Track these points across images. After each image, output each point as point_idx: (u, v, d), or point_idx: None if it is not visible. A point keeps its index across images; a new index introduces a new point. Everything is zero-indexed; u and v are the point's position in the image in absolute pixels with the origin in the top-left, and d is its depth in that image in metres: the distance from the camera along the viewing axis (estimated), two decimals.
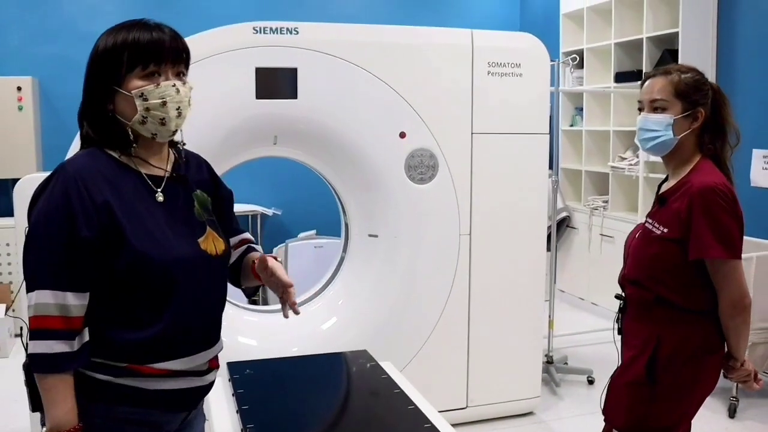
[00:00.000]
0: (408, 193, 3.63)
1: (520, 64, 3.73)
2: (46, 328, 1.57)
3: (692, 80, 2.23)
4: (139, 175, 1.71)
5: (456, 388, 3.84)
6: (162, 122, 1.67)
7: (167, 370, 1.69)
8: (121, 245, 1.61)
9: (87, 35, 5.91)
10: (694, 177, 2.19)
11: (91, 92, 1.69)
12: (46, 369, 1.58)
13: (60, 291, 1.57)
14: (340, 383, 2.91)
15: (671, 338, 2.21)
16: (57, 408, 1.59)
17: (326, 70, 3.45)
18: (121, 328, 1.65)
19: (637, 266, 2.29)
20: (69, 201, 1.58)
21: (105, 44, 1.67)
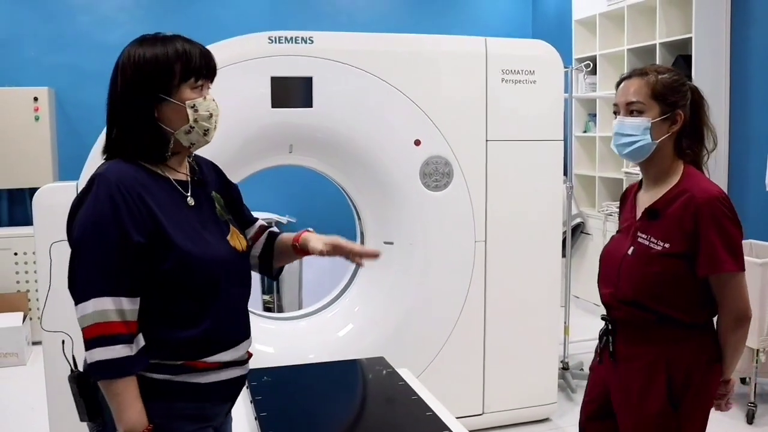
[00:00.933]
0: (423, 200, 3.64)
1: (534, 71, 3.74)
2: (109, 334, 1.59)
3: (670, 81, 2.09)
4: (168, 181, 1.76)
5: (472, 395, 3.84)
6: (205, 133, 1.77)
7: (218, 363, 1.77)
8: (169, 248, 1.66)
9: (102, 46, 6.03)
10: (691, 186, 2.06)
11: (133, 100, 1.70)
12: (114, 374, 1.61)
13: (117, 297, 1.61)
14: (357, 390, 2.92)
15: (681, 358, 2.07)
16: (129, 411, 1.63)
17: (341, 78, 3.47)
18: (174, 327, 1.70)
19: (636, 286, 2.09)
20: (116, 207, 1.61)
21: (152, 54, 1.69)
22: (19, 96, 5.66)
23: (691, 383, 2.07)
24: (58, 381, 3.20)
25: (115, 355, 1.59)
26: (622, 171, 5.90)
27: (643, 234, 2.11)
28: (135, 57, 1.70)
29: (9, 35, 5.88)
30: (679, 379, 2.07)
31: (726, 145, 5.16)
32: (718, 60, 5.09)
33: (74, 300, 1.63)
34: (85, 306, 1.60)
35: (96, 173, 1.67)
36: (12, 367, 5.04)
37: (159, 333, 1.68)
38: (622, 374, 2.17)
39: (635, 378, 2.13)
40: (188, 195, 1.79)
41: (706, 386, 2.10)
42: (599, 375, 2.29)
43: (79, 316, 1.61)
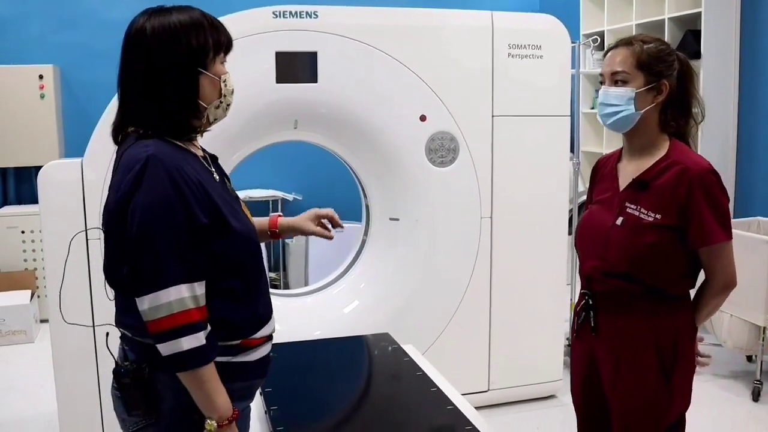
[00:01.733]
0: (429, 176, 3.63)
1: (540, 46, 3.70)
2: (189, 323, 1.55)
3: (655, 50, 2.05)
4: (196, 158, 1.72)
5: (478, 371, 3.85)
6: (226, 108, 1.74)
7: (264, 337, 1.78)
8: (225, 227, 1.64)
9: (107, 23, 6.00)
10: (682, 158, 2.04)
11: (176, 75, 1.63)
12: (202, 362, 1.57)
13: (192, 283, 1.56)
14: (362, 366, 2.93)
15: (668, 331, 2.08)
16: (220, 397, 1.61)
17: (346, 53, 3.44)
18: (232, 305, 1.68)
19: (627, 257, 2.06)
20: (179, 188, 1.56)
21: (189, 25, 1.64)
22: (25, 74, 5.64)
23: (679, 354, 2.09)
24: (66, 359, 3.24)
25: (200, 342, 1.55)
26: None
27: (632, 205, 2.08)
28: (171, 26, 1.63)
29: (14, 13, 5.86)
30: (668, 351, 2.08)
31: (735, 122, 5.11)
32: (727, 35, 5.03)
33: (139, 291, 1.55)
34: (160, 295, 1.53)
35: (144, 154, 1.57)
36: (20, 344, 5.07)
37: (218, 314, 1.64)
38: (609, 348, 2.15)
39: (623, 352, 2.12)
40: (213, 171, 1.75)
41: (691, 356, 2.13)
42: (581, 351, 2.28)
43: (151, 307, 1.53)
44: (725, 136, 5.07)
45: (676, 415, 2.14)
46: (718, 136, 5.01)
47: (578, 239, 2.27)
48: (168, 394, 1.65)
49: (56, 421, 3.37)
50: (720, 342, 4.24)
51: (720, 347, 4.32)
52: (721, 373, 4.34)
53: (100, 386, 3.25)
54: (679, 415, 2.15)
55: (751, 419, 3.80)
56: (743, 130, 5.10)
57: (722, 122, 5.05)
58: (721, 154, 5.01)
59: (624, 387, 2.13)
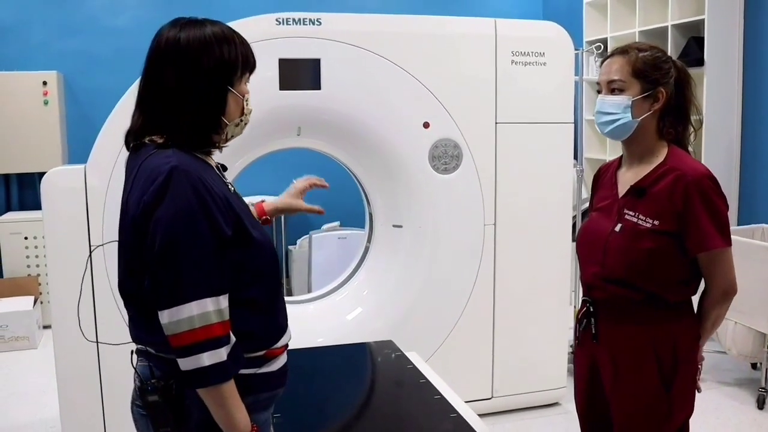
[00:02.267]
0: (432, 183, 3.62)
1: (544, 53, 3.70)
2: (212, 338, 1.51)
3: (651, 58, 2.06)
4: (214, 170, 1.71)
5: (481, 379, 3.84)
6: (244, 126, 1.74)
7: (284, 346, 1.77)
8: (248, 238, 1.64)
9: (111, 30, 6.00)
10: (679, 165, 2.03)
11: (207, 89, 1.62)
12: (222, 378, 1.53)
13: (216, 296, 1.53)
14: (365, 373, 2.92)
15: (668, 339, 2.07)
16: (239, 413, 1.58)
17: (349, 60, 3.44)
18: (255, 317, 1.67)
19: (625, 264, 2.06)
20: (203, 201, 1.54)
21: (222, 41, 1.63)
22: (28, 80, 5.65)
23: (679, 363, 2.07)
24: (68, 367, 3.23)
25: (220, 359, 1.51)
26: None
27: (630, 211, 2.08)
28: (206, 39, 1.62)
29: (18, 20, 5.87)
30: (667, 360, 2.07)
31: (738, 128, 5.10)
32: (731, 42, 5.03)
33: (161, 304, 1.52)
34: (182, 309, 1.50)
35: (168, 165, 1.54)
36: (23, 350, 5.06)
37: (242, 326, 1.61)
38: (609, 356, 2.15)
39: (623, 359, 2.12)
40: (230, 183, 1.74)
41: (692, 366, 2.11)
42: (583, 359, 2.27)
43: (172, 321, 1.50)
44: (729, 144, 5.06)
45: (679, 424, 2.12)
46: (722, 143, 5.00)
47: (579, 246, 2.27)
48: (195, 409, 1.61)
49: (59, 428, 3.37)
50: (724, 350, 4.23)
51: (724, 355, 4.31)
52: (726, 381, 4.33)
53: (102, 393, 3.24)
54: (682, 423, 2.14)
55: (757, 427, 3.78)
56: (747, 137, 5.09)
57: (725, 129, 5.04)
58: (724, 161, 5.00)
59: (624, 394, 2.12)
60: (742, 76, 5.10)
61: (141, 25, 1.68)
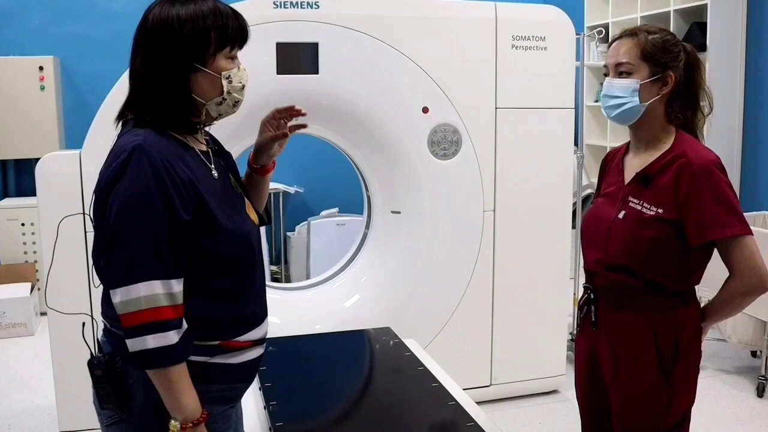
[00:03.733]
0: (431, 169, 3.59)
1: (544, 38, 3.65)
2: (160, 320, 1.50)
3: (660, 41, 2.00)
4: (195, 152, 1.67)
5: (480, 366, 3.82)
6: (234, 105, 1.69)
7: (250, 341, 1.72)
8: (212, 226, 1.59)
9: (108, 14, 5.95)
10: (686, 151, 1.98)
11: (165, 68, 1.59)
12: (168, 362, 1.52)
13: (167, 279, 1.51)
14: (363, 361, 2.90)
15: (668, 326, 2.02)
16: (187, 398, 1.56)
17: (347, 44, 3.40)
18: (211, 306, 1.64)
19: (627, 251, 2.02)
20: (162, 182, 1.51)
21: (187, 16, 1.58)
22: (25, 65, 5.60)
23: (680, 353, 2.03)
24: (64, 353, 3.21)
25: (168, 341, 1.50)
26: None
27: (635, 199, 2.04)
28: (168, 19, 1.58)
29: (14, 4, 5.82)
30: (668, 349, 2.02)
31: (740, 115, 5.07)
32: (734, 28, 4.99)
33: (112, 283, 1.52)
34: (131, 290, 1.49)
35: (132, 144, 1.53)
36: (20, 337, 5.05)
37: (197, 311, 1.60)
38: (609, 343, 2.11)
39: (623, 347, 2.08)
40: (212, 167, 1.70)
41: (694, 355, 2.07)
42: (584, 346, 2.24)
43: (122, 301, 1.50)
44: (731, 129, 5.03)
45: (680, 413, 2.08)
46: (724, 128, 4.97)
47: (582, 233, 2.23)
48: (139, 390, 1.61)
49: (56, 414, 3.36)
50: (724, 337, 4.21)
51: (724, 343, 4.29)
52: (726, 369, 4.31)
53: None
54: (684, 413, 2.10)
55: (756, 415, 3.77)
56: (749, 122, 5.06)
57: (728, 115, 5.01)
58: (726, 147, 4.97)
59: (623, 383, 2.09)
60: (744, 62, 5.06)
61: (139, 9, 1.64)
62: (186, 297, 1.57)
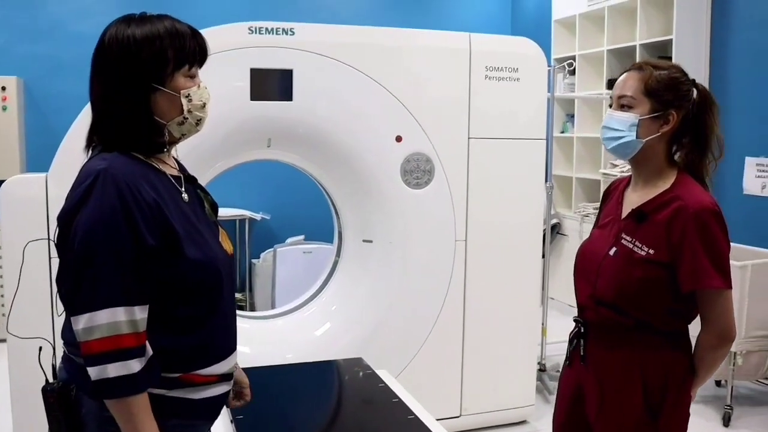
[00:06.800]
0: (404, 197, 3.58)
1: (517, 69, 3.68)
2: (121, 348, 1.45)
3: (667, 78, 1.95)
4: (164, 176, 1.63)
5: (450, 397, 3.79)
6: (197, 123, 1.66)
7: (214, 376, 1.66)
8: (178, 252, 1.55)
9: (75, 35, 5.87)
10: (684, 194, 1.94)
11: (124, 89, 1.56)
12: (128, 391, 1.47)
13: (130, 306, 1.47)
14: (336, 392, 2.86)
15: (657, 366, 1.97)
16: (147, 431, 1.50)
17: (322, 71, 3.39)
18: (171, 336, 1.58)
19: (616, 289, 1.98)
20: (127, 206, 1.47)
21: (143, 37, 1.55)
22: None
23: (668, 392, 1.98)
24: (23, 380, 3.11)
25: (129, 370, 1.45)
26: (600, 172, 5.90)
27: (628, 236, 2.01)
28: (124, 40, 1.55)
29: None
30: (655, 388, 1.98)
31: None
32: (698, 62, 5.09)
33: (74, 309, 1.47)
34: (93, 317, 1.45)
35: (97, 168, 1.50)
36: None
37: (158, 341, 1.54)
38: (596, 380, 2.08)
39: (610, 385, 2.04)
40: (182, 191, 1.66)
41: (683, 396, 2.02)
42: (570, 379, 2.20)
43: (83, 327, 1.45)
44: None
45: None
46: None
47: (576, 265, 2.19)
48: (91, 421, 1.55)
49: None
50: None
51: None
52: None
53: None
54: None
55: None
56: None
57: None
58: None
59: (608, 420, 2.05)
60: None
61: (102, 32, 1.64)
62: (148, 324, 1.52)
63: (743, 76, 4.96)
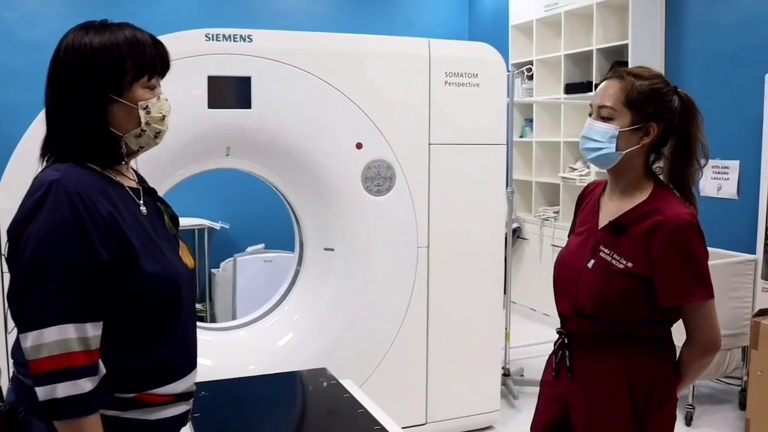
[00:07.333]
0: (365, 205, 3.55)
1: (477, 74, 3.68)
2: (71, 366, 1.39)
3: (648, 89, 1.90)
4: (122, 187, 1.58)
5: (415, 404, 3.76)
6: (156, 136, 1.60)
7: (171, 396, 1.59)
8: (134, 266, 1.49)
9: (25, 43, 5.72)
10: (662, 207, 1.90)
11: (79, 99, 1.50)
12: (80, 412, 1.41)
13: (81, 323, 1.41)
14: (300, 404, 2.82)
15: (642, 371, 1.95)
16: None
17: (281, 79, 3.35)
18: (126, 354, 1.52)
19: (595, 301, 1.96)
20: (80, 218, 1.42)
21: (101, 45, 1.50)
22: None
23: (654, 396, 1.97)
24: None
25: (80, 390, 1.39)
26: (559, 176, 5.93)
27: (606, 249, 1.98)
28: (81, 48, 1.50)
29: None
30: (641, 392, 1.96)
31: None
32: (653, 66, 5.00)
33: (23, 327, 1.42)
34: (42, 334, 1.39)
35: (49, 179, 1.44)
36: None
37: (112, 360, 1.48)
38: (582, 390, 2.05)
39: (597, 394, 2.01)
40: (141, 203, 1.60)
41: (669, 398, 2.01)
42: (554, 391, 2.16)
43: (32, 345, 1.39)
44: None
45: None
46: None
47: (555, 277, 2.16)
48: None
49: None
50: None
51: None
52: None
53: None
54: None
55: None
56: None
57: None
58: None
59: (597, 431, 2.02)
60: None
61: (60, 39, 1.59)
62: (102, 342, 1.46)
63: (697, 79, 5.03)
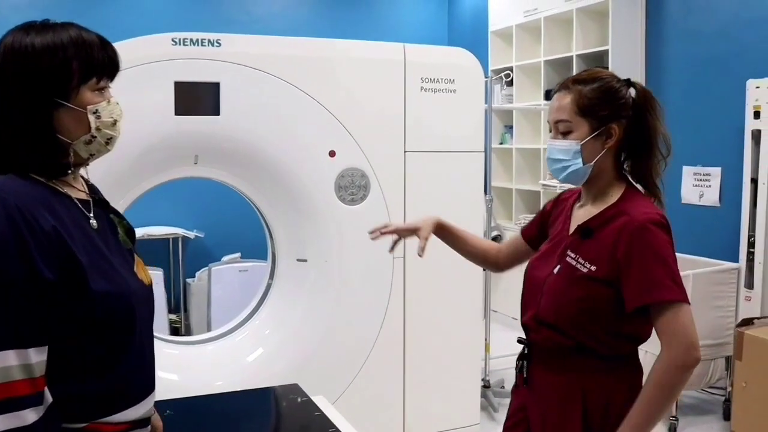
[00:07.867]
0: (338, 214, 3.45)
1: (454, 80, 3.60)
2: (12, 396, 1.28)
3: (597, 92, 1.83)
4: (69, 200, 1.46)
5: (392, 419, 3.66)
6: (107, 142, 1.50)
7: (126, 423, 1.48)
8: (82, 285, 1.38)
9: None
10: (629, 208, 1.83)
11: (21, 105, 1.39)
12: None
13: (23, 349, 1.30)
14: (271, 422, 2.72)
15: (599, 390, 1.85)
16: None
17: (251, 84, 3.24)
18: (79, 379, 1.41)
19: (557, 308, 1.88)
20: (20, 235, 1.30)
21: (43, 46, 1.40)
22: None
23: (611, 417, 1.84)
24: None
25: (22, 422, 1.29)
26: (540, 183, 5.87)
27: (572, 253, 1.90)
28: (22, 49, 1.39)
29: None
30: (597, 413, 1.86)
31: None
32: (634, 72, 5.11)
33: None
34: None
35: None
36: None
37: (60, 387, 1.37)
38: (538, 403, 1.98)
39: (550, 409, 1.93)
40: (91, 216, 1.49)
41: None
42: (517, 401, 2.10)
43: None
44: None
45: None
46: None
47: (524, 284, 2.07)
48: None
49: None
50: None
51: None
52: None
53: None
54: None
55: None
56: None
57: None
58: None
59: None
60: None
61: None
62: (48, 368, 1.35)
63: (678, 85, 4.99)
